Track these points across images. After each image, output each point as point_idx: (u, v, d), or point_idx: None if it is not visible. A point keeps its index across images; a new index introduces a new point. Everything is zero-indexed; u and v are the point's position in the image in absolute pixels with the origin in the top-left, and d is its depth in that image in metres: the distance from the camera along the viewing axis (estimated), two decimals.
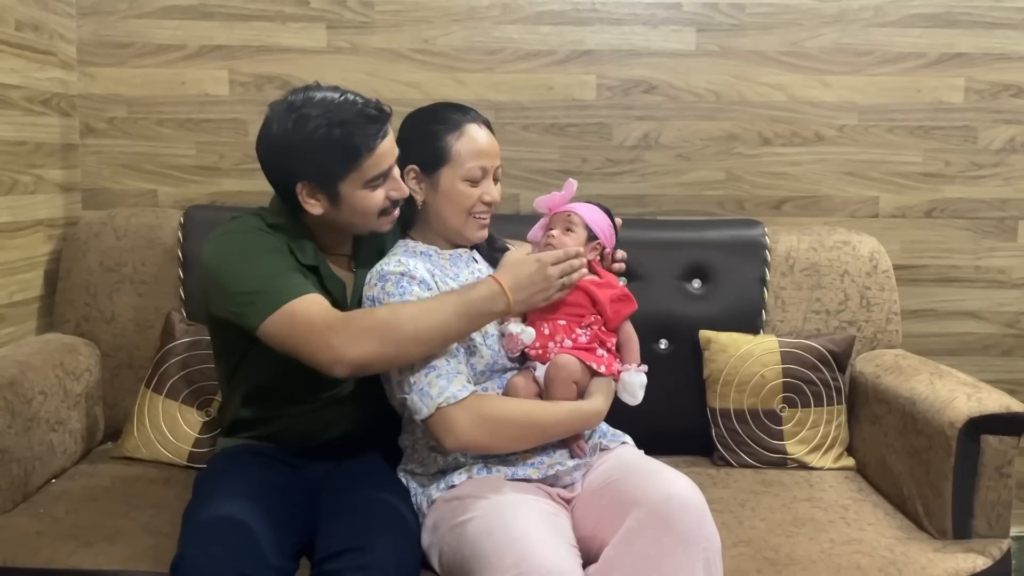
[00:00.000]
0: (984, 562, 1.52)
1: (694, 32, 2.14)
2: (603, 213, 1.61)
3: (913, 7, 2.14)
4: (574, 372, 1.48)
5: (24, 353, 1.76)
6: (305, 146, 1.41)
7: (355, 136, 1.41)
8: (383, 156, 1.45)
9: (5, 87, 1.84)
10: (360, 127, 1.42)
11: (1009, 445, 1.57)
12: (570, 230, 1.57)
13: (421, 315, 1.37)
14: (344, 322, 1.37)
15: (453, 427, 1.38)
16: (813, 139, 2.18)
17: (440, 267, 1.54)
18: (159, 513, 1.58)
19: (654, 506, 1.31)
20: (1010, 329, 2.25)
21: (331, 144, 1.41)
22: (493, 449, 1.45)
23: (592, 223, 1.58)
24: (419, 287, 1.46)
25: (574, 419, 1.47)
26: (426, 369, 1.40)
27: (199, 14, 2.10)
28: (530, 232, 1.66)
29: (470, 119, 1.55)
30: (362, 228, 1.52)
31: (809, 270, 2.00)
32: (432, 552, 1.42)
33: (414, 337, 1.36)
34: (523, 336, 1.49)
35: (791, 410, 1.88)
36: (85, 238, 1.96)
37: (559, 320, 1.51)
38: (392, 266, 1.48)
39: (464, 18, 2.12)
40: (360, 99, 1.46)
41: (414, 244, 1.58)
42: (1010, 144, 2.20)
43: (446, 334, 1.39)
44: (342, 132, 1.41)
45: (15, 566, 1.43)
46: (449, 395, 1.38)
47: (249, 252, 1.45)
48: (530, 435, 1.45)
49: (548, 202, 1.61)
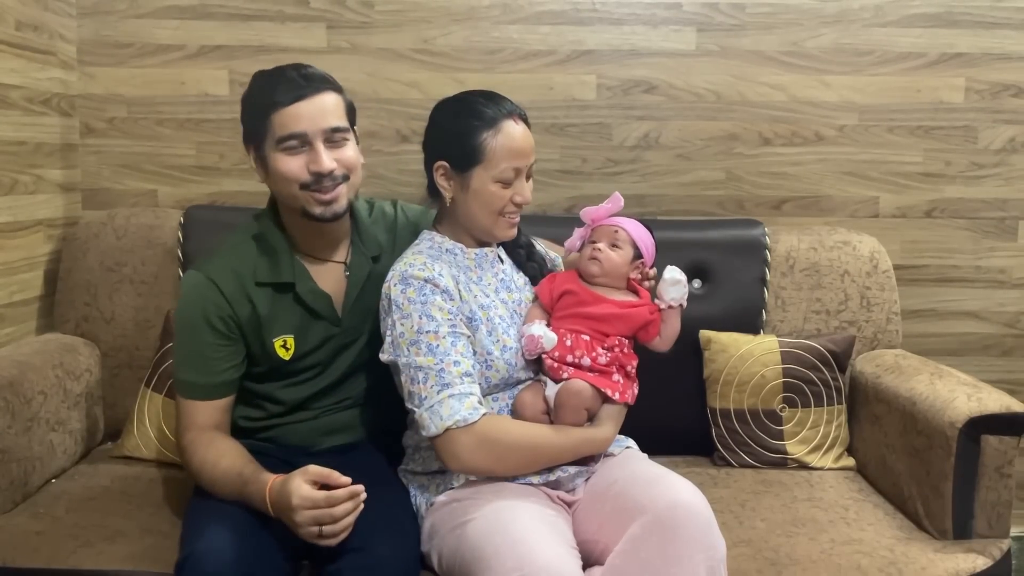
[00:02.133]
0: (984, 562, 1.51)
1: (694, 32, 2.14)
2: (647, 231, 1.60)
3: (913, 7, 2.14)
4: (586, 400, 1.46)
5: (24, 353, 1.76)
6: (244, 104, 1.49)
7: (272, 93, 1.43)
8: (293, 117, 1.42)
9: (5, 87, 1.84)
10: (280, 85, 1.43)
11: (1009, 445, 1.57)
12: (616, 246, 1.55)
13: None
14: (187, 446, 1.46)
15: (459, 451, 1.37)
16: (813, 139, 2.18)
17: (464, 269, 1.52)
18: (159, 513, 1.58)
19: (660, 513, 1.30)
20: (1010, 329, 2.25)
21: (252, 96, 1.47)
22: (497, 474, 1.43)
23: (639, 240, 1.56)
24: (441, 297, 1.43)
25: (582, 447, 1.47)
26: (439, 386, 1.38)
27: (199, 14, 2.10)
28: (568, 241, 1.63)
29: (506, 114, 1.47)
30: (290, 201, 1.49)
31: (809, 270, 2.00)
32: (432, 554, 1.42)
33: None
34: (543, 340, 1.47)
35: (791, 410, 1.88)
36: (85, 238, 1.96)
37: (583, 334, 1.50)
38: (417, 269, 1.44)
39: (464, 18, 2.12)
40: (308, 68, 1.48)
41: (440, 239, 1.55)
42: (1010, 144, 2.20)
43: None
44: (265, 84, 1.45)
45: (15, 566, 1.43)
46: (460, 418, 1.36)
47: (187, 332, 1.49)
48: (536, 463, 1.44)
49: (594, 214, 1.58)
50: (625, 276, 1.57)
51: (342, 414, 1.61)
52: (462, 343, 1.42)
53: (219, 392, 1.49)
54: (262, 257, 1.52)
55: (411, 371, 1.40)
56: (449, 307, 1.43)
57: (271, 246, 1.52)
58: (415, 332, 1.40)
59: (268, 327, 1.51)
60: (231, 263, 1.50)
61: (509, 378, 1.50)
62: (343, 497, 1.27)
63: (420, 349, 1.40)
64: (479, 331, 1.47)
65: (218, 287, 1.48)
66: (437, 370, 1.38)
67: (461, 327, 1.44)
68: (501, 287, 1.56)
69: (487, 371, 1.47)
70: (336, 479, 1.29)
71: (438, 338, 1.40)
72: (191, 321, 1.48)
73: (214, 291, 1.47)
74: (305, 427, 1.58)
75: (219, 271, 1.49)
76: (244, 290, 1.50)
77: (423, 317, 1.41)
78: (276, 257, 1.51)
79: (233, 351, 1.50)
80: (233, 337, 1.49)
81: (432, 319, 1.41)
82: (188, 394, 1.48)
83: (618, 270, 1.55)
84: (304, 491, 1.28)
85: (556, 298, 1.54)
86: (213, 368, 1.48)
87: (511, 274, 1.60)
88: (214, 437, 1.46)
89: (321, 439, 1.59)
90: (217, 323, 1.47)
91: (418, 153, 1.55)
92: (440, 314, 1.42)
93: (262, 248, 1.52)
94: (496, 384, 1.49)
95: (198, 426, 1.47)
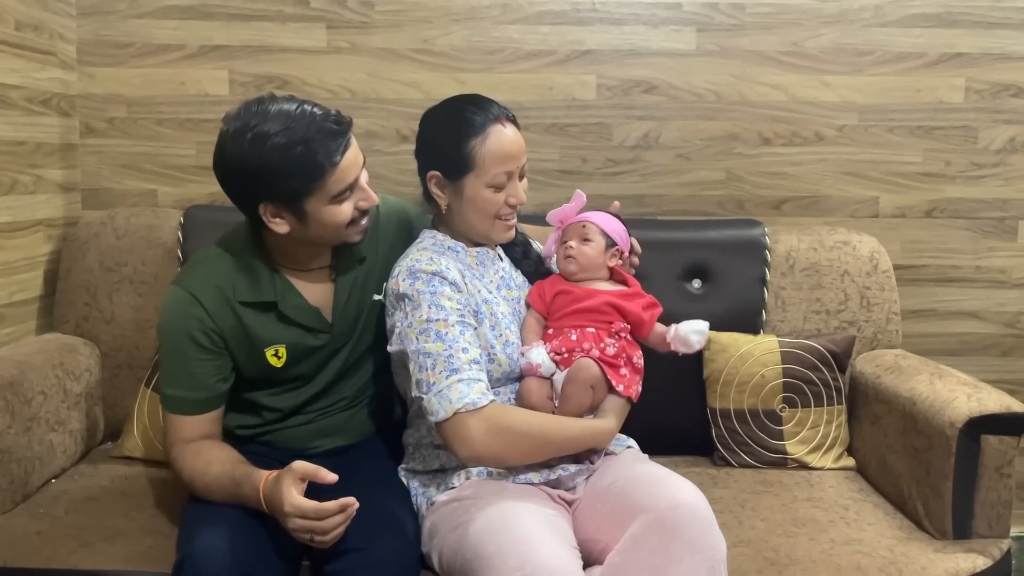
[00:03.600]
0: (984, 562, 1.51)
1: (694, 32, 2.14)
2: (615, 218, 1.62)
3: (913, 7, 2.14)
4: (593, 376, 1.48)
5: (24, 353, 1.76)
6: (264, 168, 1.34)
7: (317, 154, 1.35)
8: (347, 170, 1.39)
9: (5, 87, 1.84)
10: (322, 143, 1.35)
11: (1009, 445, 1.57)
12: (587, 239, 1.58)
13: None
14: (176, 459, 1.44)
15: (469, 435, 1.37)
16: (813, 139, 2.18)
17: (468, 265, 1.54)
18: (159, 513, 1.58)
19: (660, 513, 1.30)
20: (1010, 329, 2.25)
21: (292, 164, 1.34)
22: (505, 461, 1.44)
23: (609, 229, 1.59)
24: (450, 288, 1.44)
25: (586, 437, 1.47)
26: (447, 372, 1.38)
27: (199, 14, 2.10)
28: (544, 248, 1.67)
29: (493, 119, 1.48)
30: (332, 240, 1.48)
31: (809, 270, 2.00)
32: (432, 554, 1.42)
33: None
34: (542, 369, 1.49)
35: (791, 410, 1.88)
36: (85, 238, 1.96)
37: (588, 328, 1.51)
38: (424, 263, 1.45)
39: (464, 18, 2.12)
40: (319, 110, 1.38)
41: (442, 238, 1.56)
42: (1010, 144, 2.20)
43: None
44: (304, 150, 1.34)
45: (15, 566, 1.43)
46: (469, 401, 1.37)
47: (170, 348, 1.45)
48: (543, 451, 1.45)
49: (559, 215, 1.61)
50: (604, 266, 1.59)
51: (338, 416, 1.60)
52: (470, 333, 1.43)
53: (206, 406, 1.47)
54: (241, 274, 1.48)
55: (420, 358, 1.41)
56: (458, 298, 1.45)
57: (249, 263, 1.48)
58: (424, 321, 1.41)
59: (257, 339, 1.49)
60: (212, 279, 1.46)
61: (511, 372, 1.51)
62: (333, 510, 1.26)
63: (429, 337, 1.40)
64: (483, 325, 1.49)
65: (200, 302, 1.44)
66: (446, 356, 1.39)
67: (469, 318, 1.46)
68: (502, 284, 1.58)
69: (490, 365, 1.48)
70: (323, 476, 1.27)
71: (447, 326, 1.41)
72: (174, 337, 1.45)
73: (196, 306, 1.44)
74: (301, 431, 1.58)
75: (200, 286, 1.45)
76: (228, 303, 1.46)
77: (432, 307, 1.42)
78: (256, 275, 1.48)
79: (219, 365, 1.47)
80: (218, 351, 1.47)
81: (441, 308, 1.42)
82: (175, 408, 1.46)
83: (594, 262, 1.58)
84: (295, 499, 1.26)
85: (550, 302, 1.56)
86: (199, 383, 1.46)
87: (510, 272, 1.62)
88: (201, 446, 1.44)
89: (318, 441, 1.59)
90: (201, 338, 1.44)
91: None
92: (449, 303, 1.43)
93: (240, 265, 1.48)
94: (498, 378, 1.50)
95: (185, 439, 1.45)
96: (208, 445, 1.45)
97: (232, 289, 1.47)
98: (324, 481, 1.27)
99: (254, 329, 1.49)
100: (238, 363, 1.50)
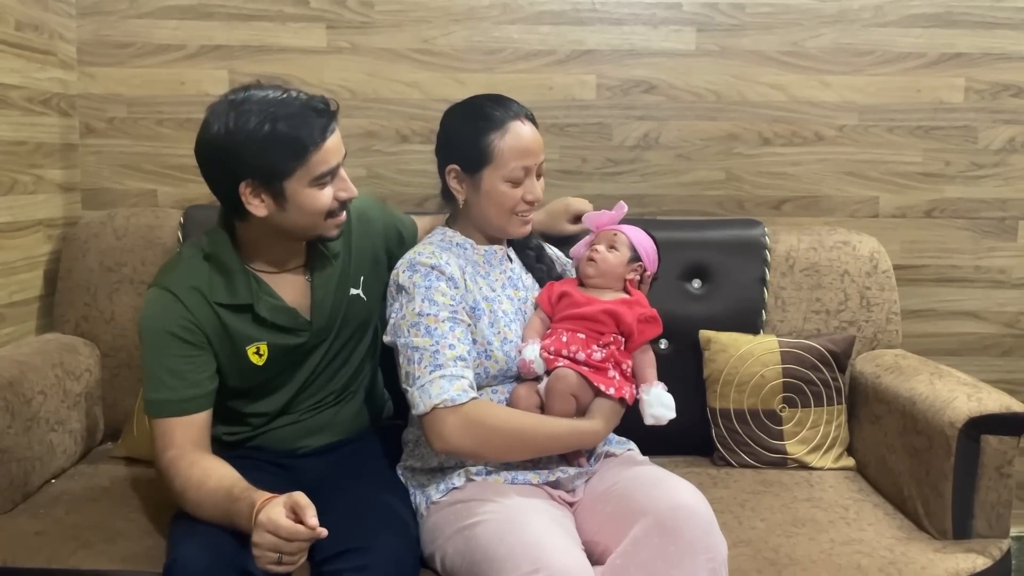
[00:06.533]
0: (984, 562, 1.51)
1: (694, 32, 2.14)
2: (650, 238, 1.64)
3: (913, 7, 2.14)
4: (572, 385, 1.48)
5: (24, 353, 1.76)
6: (248, 142, 1.35)
7: (301, 129, 1.36)
8: (330, 152, 1.39)
9: (5, 87, 1.84)
10: (307, 120, 1.36)
11: (1009, 445, 1.57)
12: (614, 248, 1.60)
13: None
14: (167, 468, 1.39)
15: (443, 430, 1.38)
16: (813, 139, 2.18)
17: (473, 263, 1.55)
18: (159, 513, 1.58)
19: (661, 515, 1.30)
20: (1010, 329, 2.25)
21: (276, 138, 1.35)
22: (481, 457, 1.44)
23: (638, 244, 1.61)
24: (446, 283, 1.46)
25: (569, 437, 1.47)
26: (431, 367, 1.40)
27: (199, 14, 2.10)
28: (574, 248, 1.69)
29: (512, 115, 1.51)
30: (309, 232, 1.46)
31: (809, 270, 2.00)
32: (435, 555, 1.42)
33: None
34: (535, 365, 1.49)
35: (791, 410, 1.88)
36: (85, 238, 1.96)
37: (579, 333, 1.51)
38: (425, 256, 1.48)
39: (464, 18, 2.12)
40: (305, 94, 1.40)
41: (452, 234, 1.58)
42: (1010, 144, 2.20)
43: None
44: (287, 125, 1.35)
45: (15, 566, 1.43)
46: (447, 397, 1.38)
47: (152, 347, 1.43)
48: (521, 448, 1.45)
49: (597, 220, 1.65)
50: (621, 277, 1.60)
51: (325, 412, 1.60)
52: (460, 329, 1.45)
53: (193, 406, 1.42)
54: (216, 276, 1.46)
55: (408, 351, 1.43)
56: (452, 294, 1.46)
57: (224, 265, 1.46)
58: (416, 315, 1.43)
59: (237, 337, 1.48)
60: (188, 280, 1.45)
61: (508, 370, 1.51)
62: (303, 536, 1.21)
63: (419, 331, 1.42)
64: (481, 320, 1.50)
65: (179, 299, 1.43)
66: (432, 351, 1.41)
67: (462, 315, 1.47)
68: (508, 284, 1.59)
69: (486, 361, 1.49)
70: (308, 518, 1.21)
71: (437, 321, 1.43)
72: (155, 336, 1.42)
73: (176, 303, 1.43)
74: (289, 431, 1.57)
75: (179, 285, 1.44)
76: (207, 303, 1.45)
77: (425, 301, 1.44)
78: (231, 276, 1.46)
79: (203, 361, 1.45)
80: (201, 346, 1.45)
81: (434, 303, 1.44)
82: (160, 412, 1.42)
83: (613, 271, 1.59)
84: (274, 514, 1.22)
85: (555, 302, 1.57)
86: (184, 380, 1.42)
87: (519, 273, 1.63)
88: (197, 457, 1.39)
89: (307, 440, 1.58)
90: (183, 333, 1.43)
91: (418, 153, 1.57)
92: (442, 299, 1.45)
93: (214, 267, 1.46)
94: (495, 375, 1.50)
95: (176, 445, 1.40)
96: (205, 457, 1.40)
97: (209, 290, 1.46)
98: (308, 525, 1.21)
99: (233, 328, 1.47)
100: (221, 364, 1.48)
